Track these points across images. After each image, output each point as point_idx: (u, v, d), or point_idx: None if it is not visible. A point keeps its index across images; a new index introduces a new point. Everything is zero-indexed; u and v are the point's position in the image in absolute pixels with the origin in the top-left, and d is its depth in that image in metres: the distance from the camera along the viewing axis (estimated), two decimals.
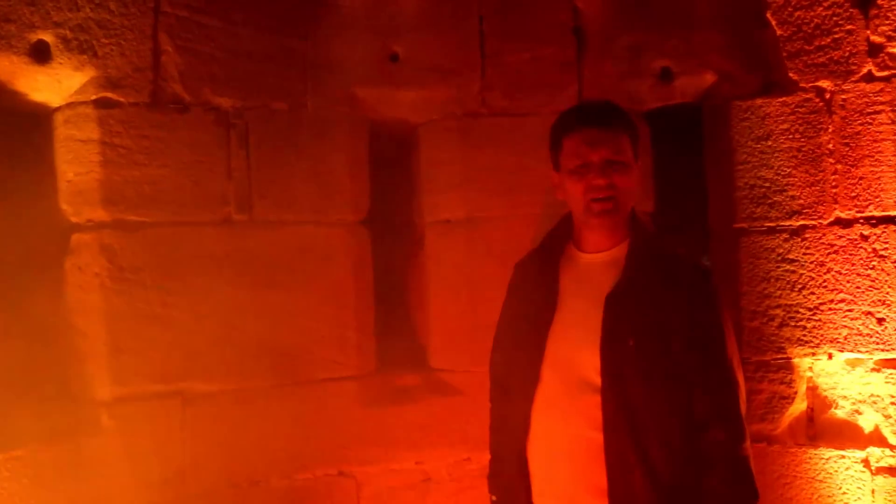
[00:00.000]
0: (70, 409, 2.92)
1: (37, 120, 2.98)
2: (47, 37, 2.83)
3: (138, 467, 2.93)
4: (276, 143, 3.18)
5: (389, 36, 3.30)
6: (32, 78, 2.85)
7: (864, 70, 3.08)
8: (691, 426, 2.22)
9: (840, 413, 3.16)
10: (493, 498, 2.40)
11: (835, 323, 3.17)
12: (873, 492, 3.05)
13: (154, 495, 2.96)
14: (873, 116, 3.07)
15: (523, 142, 3.29)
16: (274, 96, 3.19)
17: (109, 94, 2.93)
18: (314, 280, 3.23)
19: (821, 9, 3.16)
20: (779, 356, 3.27)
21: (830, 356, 3.18)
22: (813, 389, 3.21)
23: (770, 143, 3.26)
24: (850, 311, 3.14)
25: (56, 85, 2.89)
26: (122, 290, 2.95)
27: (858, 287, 3.11)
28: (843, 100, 3.12)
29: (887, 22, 3.00)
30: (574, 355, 2.26)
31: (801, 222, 3.21)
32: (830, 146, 3.16)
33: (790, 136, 3.22)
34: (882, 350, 3.06)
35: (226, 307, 3.09)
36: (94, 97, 2.91)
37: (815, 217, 3.19)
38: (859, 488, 3.09)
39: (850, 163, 3.12)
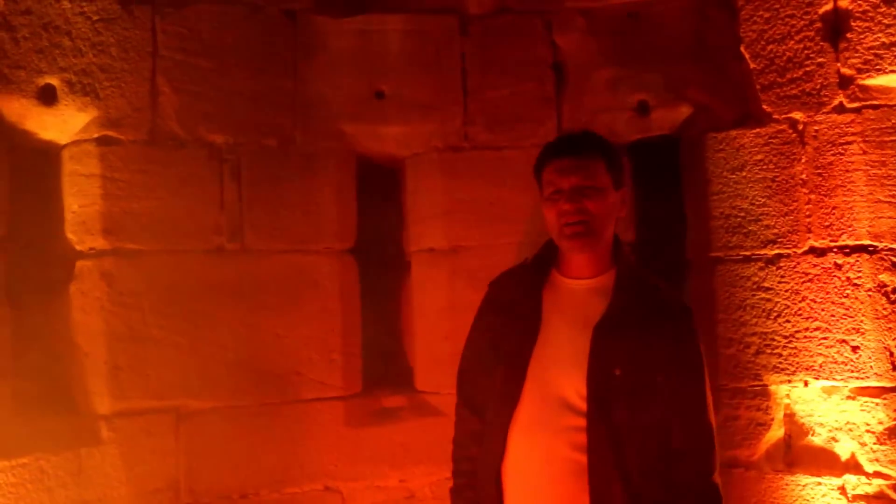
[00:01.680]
0: (72, 421, 3.14)
1: (47, 156, 3.22)
2: (54, 81, 3.08)
3: (134, 477, 3.14)
4: (267, 176, 3.38)
5: (375, 74, 3.48)
6: (40, 119, 3.10)
7: (836, 101, 3.14)
8: (669, 454, 2.31)
9: (817, 440, 3.20)
10: None
11: (810, 351, 3.22)
12: None
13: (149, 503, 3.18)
14: (845, 147, 3.13)
15: (504, 174, 3.44)
16: (264, 133, 3.39)
17: (110, 133, 3.17)
18: (303, 305, 3.42)
19: (792, 42, 3.24)
20: (755, 383, 3.32)
21: (806, 384, 3.22)
22: (790, 416, 3.26)
23: (745, 173, 3.34)
24: (825, 339, 3.18)
25: (62, 125, 3.14)
26: (120, 312, 3.16)
27: (833, 315, 3.16)
28: (816, 131, 3.19)
29: (856, 55, 3.06)
30: (558, 379, 2.30)
31: (776, 251, 3.28)
32: (804, 176, 3.22)
33: (764, 167, 3.30)
34: (857, 378, 3.10)
35: (218, 330, 3.29)
36: (96, 135, 3.15)
37: (790, 246, 3.25)
38: None
39: (823, 192, 3.18)
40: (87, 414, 3.15)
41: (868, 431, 3.07)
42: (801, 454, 3.21)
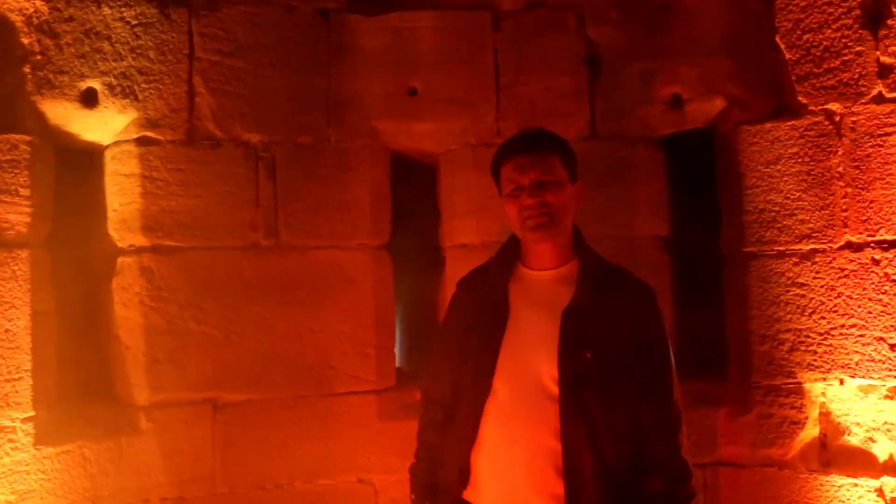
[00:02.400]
0: (113, 411, 3.29)
1: (91, 157, 3.36)
2: (95, 84, 3.20)
3: (172, 466, 3.26)
4: (301, 174, 3.45)
5: (408, 72, 3.52)
6: (83, 121, 3.22)
7: (874, 91, 3.06)
8: (639, 433, 2.34)
9: (853, 440, 3.12)
10: (413, 497, 2.55)
11: (846, 348, 3.14)
12: None
13: (185, 492, 3.27)
14: (884, 138, 3.05)
15: None
16: (299, 131, 3.45)
17: (149, 133, 3.27)
18: (337, 300, 3.48)
19: (829, 31, 3.15)
20: (789, 381, 3.26)
21: (842, 382, 3.15)
22: (826, 415, 3.18)
23: (779, 166, 3.27)
24: (861, 336, 3.11)
25: (103, 126, 3.26)
26: (159, 307, 3.27)
27: (870, 312, 3.08)
28: (853, 122, 3.11)
29: None
30: (531, 367, 2.36)
31: (811, 246, 3.20)
32: (840, 169, 3.14)
33: (799, 160, 3.23)
34: (895, 377, 3.02)
35: (254, 324, 3.37)
36: (135, 136, 3.26)
37: (825, 241, 3.18)
38: None
39: (860, 186, 3.09)
40: (128, 404, 3.29)
41: None
42: (837, 454, 3.14)
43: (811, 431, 3.21)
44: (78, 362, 3.33)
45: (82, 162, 3.39)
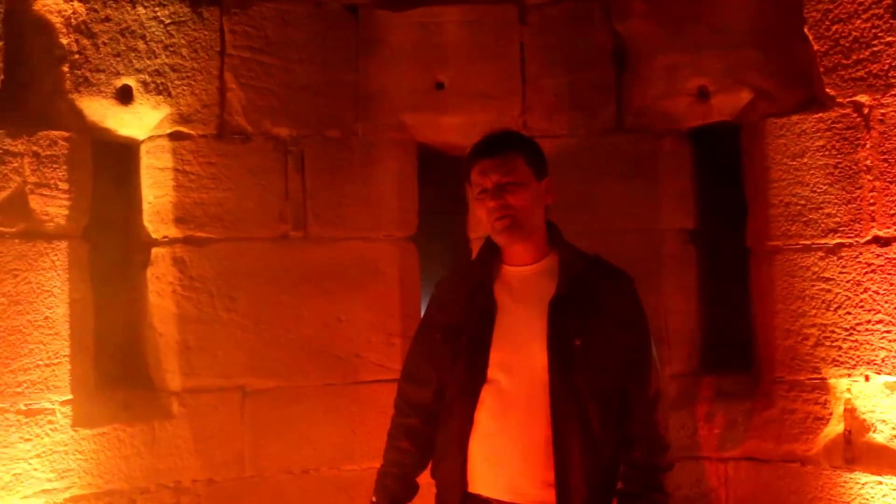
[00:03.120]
0: (147, 396, 3.41)
1: (128, 151, 3.49)
2: (130, 81, 3.31)
3: (202, 450, 3.38)
4: (329, 167, 3.53)
5: (435, 66, 3.56)
6: (119, 117, 3.34)
7: None
8: (624, 412, 2.47)
9: (879, 437, 3.07)
10: (374, 499, 2.68)
11: (872, 344, 3.09)
12: None
13: (215, 474, 3.39)
14: None
15: (561, 162, 3.41)
16: (327, 125, 3.53)
17: (181, 128, 3.38)
18: (363, 291, 3.56)
19: (859, 21, 3.09)
20: (813, 376, 3.22)
21: (867, 378, 3.09)
22: (851, 411, 3.13)
23: (806, 159, 3.21)
24: (888, 332, 3.05)
25: (138, 122, 3.38)
26: (191, 296, 3.39)
27: None
28: (882, 114, 3.04)
29: None
30: (522, 358, 2.44)
31: (837, 240, 3.15)
32: (868, 162, 3.08)
33: (826, 153, 3.17)
34: None
35: (282, 313, 3.47)
36: (168, 131, 3.37)
37: (852, 235, 3.12)
38: None
39: (888, 179, 3.03)
40: (161, 389, 3.41)
41: None
42: (862, 451, 3.09)
43: (835, 428, 3.16)
44: (113, 349, 3.47)
45: (119, 156, 3.51)
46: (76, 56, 3.23)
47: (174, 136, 3.38)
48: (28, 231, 3.10)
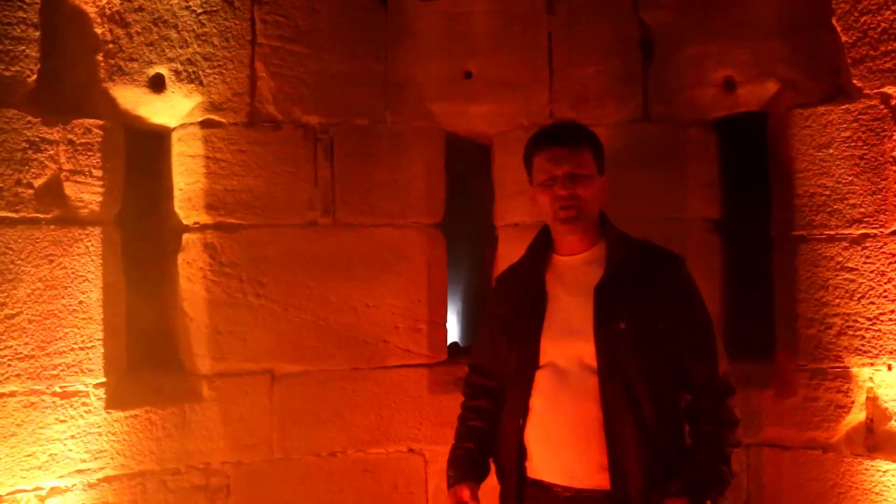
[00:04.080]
0: (178, 379, 3.48)
1: (160, 139, 3.54)
2: (162, 70, 3.36)
3: (232, 432, 3.44)
4: (358, 154, 3.57)
5: (463, 55, 3.60)
6: (151, 105, 3.39)
7: None
8: (677, 393, 2.50)
9: None
10: (450, 473, 2.69)
11: (895, 334, 3.11)
12: None
13: (243, 456, 3.45)
14: None
15: None
16: (356, 113, 3.57)
17: (213, 116, 3.42)
18: (391, 277, 3.61)
19: (889, 12, 3.09)
20: (836, 365, 3.24)
21: (890, 367, 3.12)
22: (873, 400, 3.16)
23: (832, 150, 3.23)
24: None
25: (170, 110, 3.42)
26: (221, 282, 3.44)
27: None
28: None
29: None
30: (571, 344, 2.50)
31: (862, 231, 3.17)
32: (895, 154, 3.09)
33: (852, 144, 3.18)
34: None
35: (311, 299, 3.52)
36: (200, 119, 3.42)
37: (877, 226, 3.14)
38: None
39: None
40: (191, 373, 3.48)
41: None
42: (884, 439, 3.12)
43: (857, 416, 3.19)
44: (145, 333, 3.53)
45: (151, 144, 3.56)
46: (110, 45, 3.28)
47: (205, 124, 3.42)
48: (63, 217, 3.16)
